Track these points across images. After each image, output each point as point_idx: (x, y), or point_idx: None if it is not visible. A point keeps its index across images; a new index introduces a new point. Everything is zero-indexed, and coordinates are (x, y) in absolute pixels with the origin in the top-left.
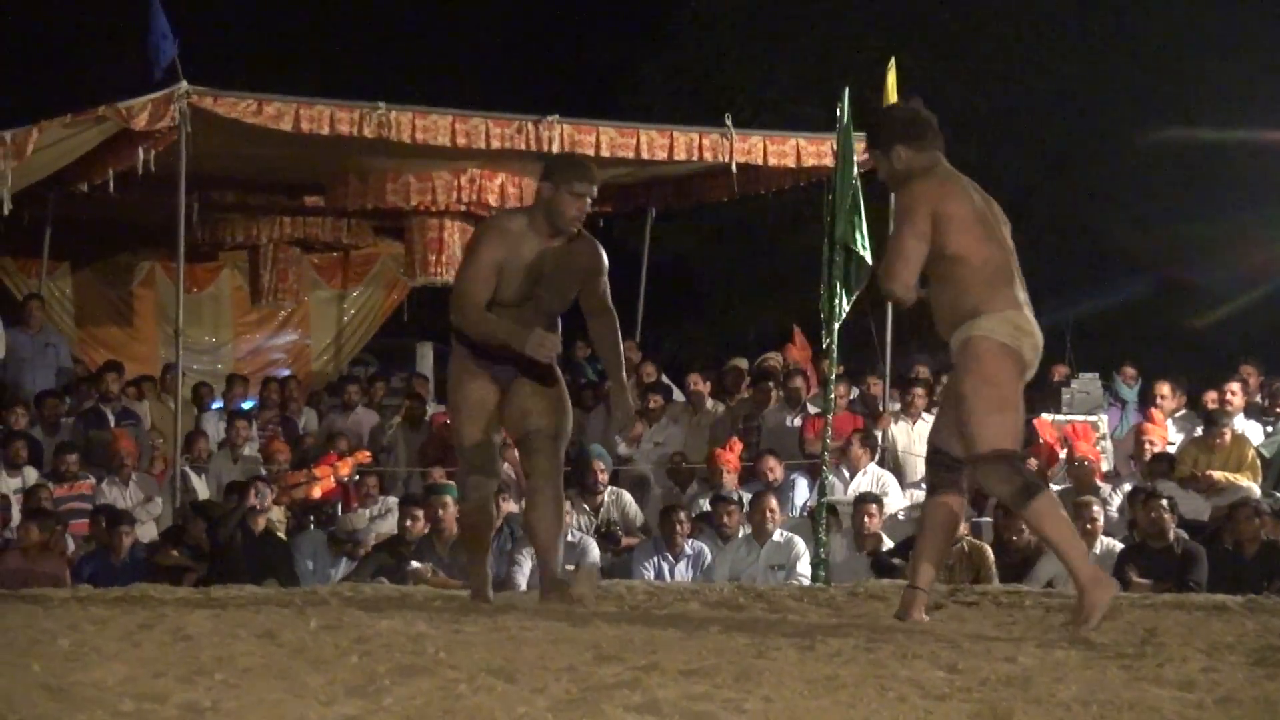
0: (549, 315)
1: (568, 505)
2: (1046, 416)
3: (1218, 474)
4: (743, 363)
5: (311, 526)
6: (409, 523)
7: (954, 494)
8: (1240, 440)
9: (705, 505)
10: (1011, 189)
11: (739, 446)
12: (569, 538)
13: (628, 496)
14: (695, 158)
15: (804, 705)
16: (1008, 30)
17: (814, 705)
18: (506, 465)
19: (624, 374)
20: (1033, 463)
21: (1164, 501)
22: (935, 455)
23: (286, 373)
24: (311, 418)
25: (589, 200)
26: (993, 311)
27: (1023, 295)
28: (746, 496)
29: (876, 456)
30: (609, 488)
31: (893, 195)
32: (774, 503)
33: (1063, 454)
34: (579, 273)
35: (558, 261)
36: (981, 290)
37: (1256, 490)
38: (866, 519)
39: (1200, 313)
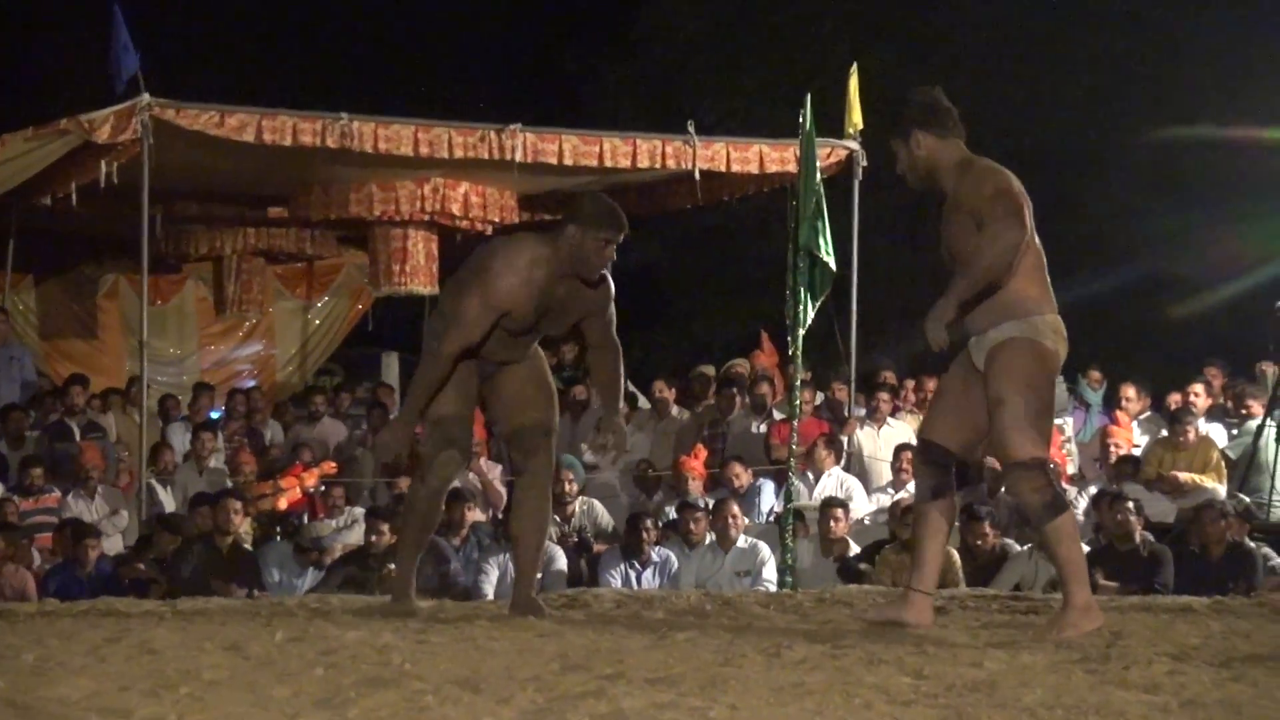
0: (538, 337)
1: None
2: None
3: (1183, 475)
4: (709, 369)
5: (278, 537)
6: (374, 537)
7: (950, 496)
8: (1205, 441)
9: (672, 513)
10: None
11: (704, 453)
12: None
13: (599, 505)
14: (658, 165)
15: (770, 713)
16: (973, 33)
17: (780, 713)
18: (471, 475)
19: (620, 404)
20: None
21: (1130, 504)
22: (928, 450)
23: (252, 384)
24: (277, 429)
25: (615, 248)
26: (1042, 314)
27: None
28: (712, 503)
29: (842, 461)
30: (580, 497)
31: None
32: (736, 509)
33: None
34: (584, 309)
35: (567, 296)
36: (1033, 289)
37: (1222, 491)
38: (832, 524)
39: (1166, 312)
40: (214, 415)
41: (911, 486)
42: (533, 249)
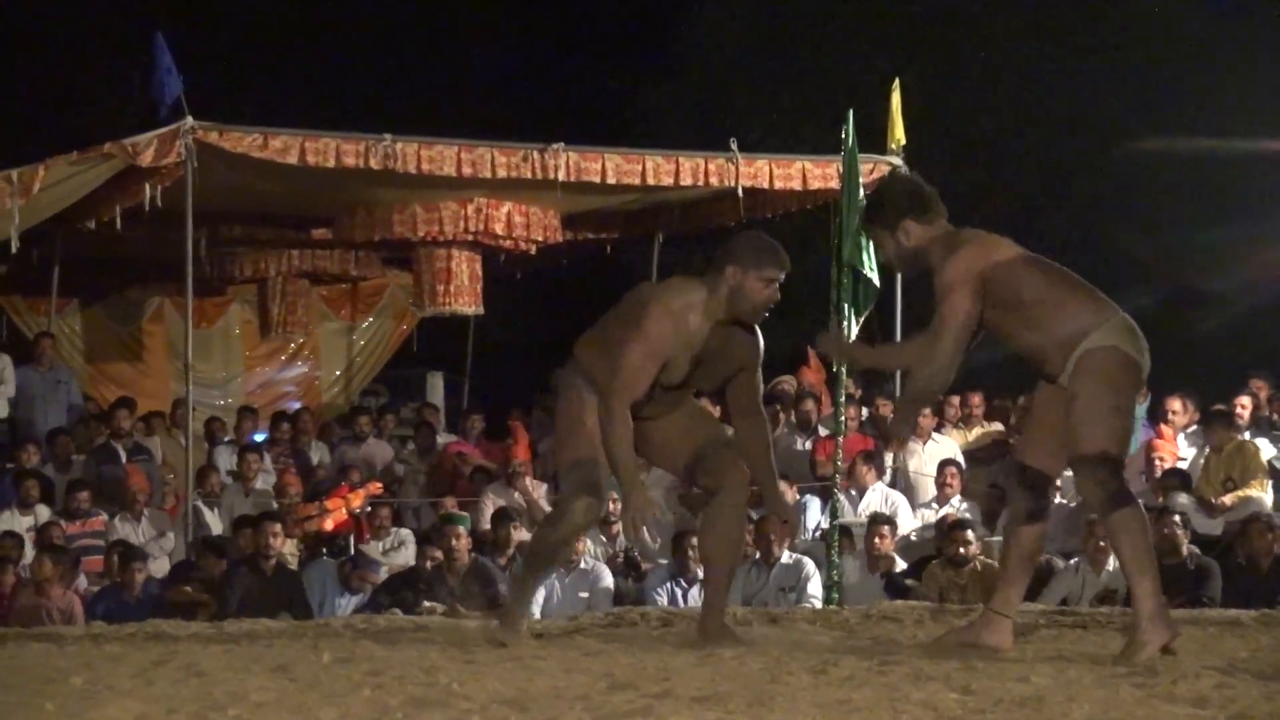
0: (689, 392)
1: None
2: None
3: (1228, 497)
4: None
5: (324, 556)
6: (425, 561)
7: (1044, 521)
8: (1250, 449)
9: None
10: (1016, 207)
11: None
12: (582, 565)
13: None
14: (701, 183)
15: None
16: (1011, 48)
17: None
18: (516, 494)
19: (777, 480)
20: None
21: (1176, 518)
22: (1024, 473)
23: (297, 405)
24: (323, 450)
25: (778, 288)
26: (1104, 323)
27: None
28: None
29: (888, 477)
30: None
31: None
32: (778, 526)
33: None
34: (736, 362)
35: (720, 345)
36: (1084, 312)
37: (1269, 502)
38: (878, 540)
39: (1210, 324)
40: (258, 438)
41: (956, 501)
42: (688, 293)
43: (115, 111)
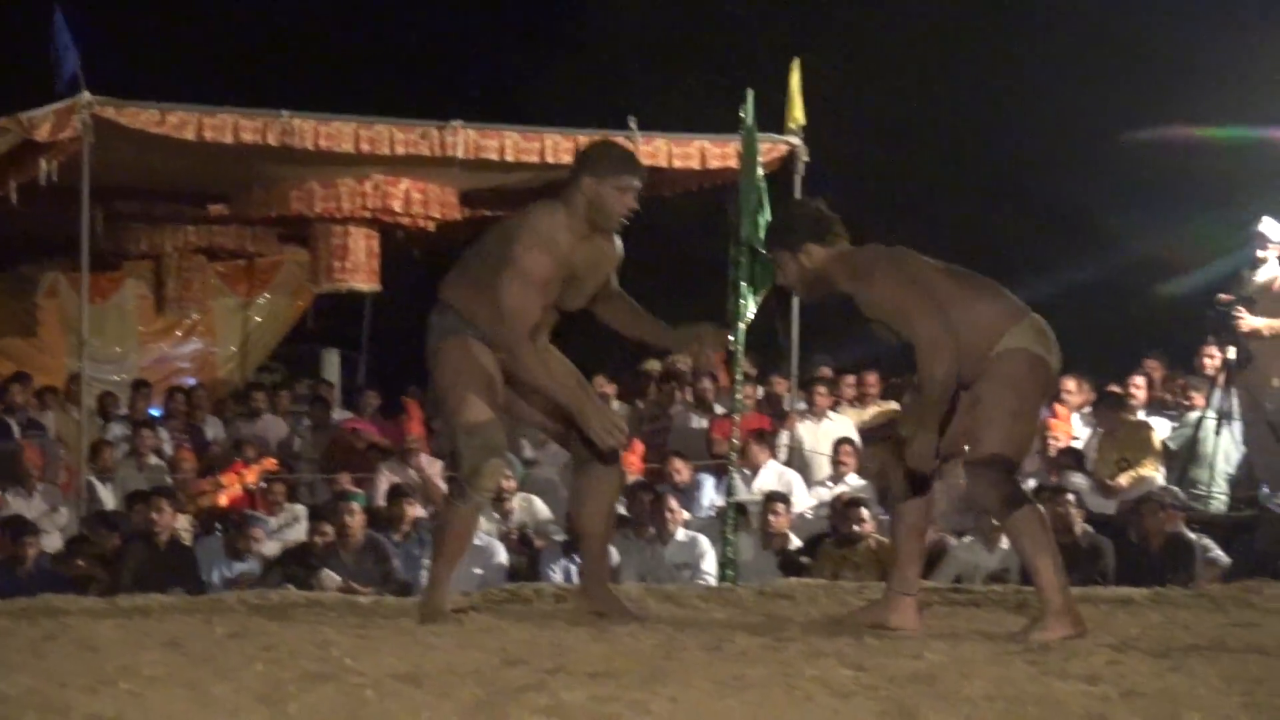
0: (555, 316)
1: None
2: None
3: (1122, 477)
4: (655, 364)
5: (218, 532)
6: (316, 536)
7: (928, 495)
8: (1145, 430)
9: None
10: (917, 189)
11: (641, 448)
12: (477, 541)
13: (539, 501)
14: None
15: (711, 706)
16: (915, 28)
17: (721, 705)
18: (411, 471)
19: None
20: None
21: (1070, 496)
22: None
23: (193, 382)
24: (218, 426)
25: (634, 196)
26: (1016, 325)
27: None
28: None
29: (783, 456)
30: (519, 494)
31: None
32: (674, 502)
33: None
34: (603, 274)
35: (589, 262)
36: (988, 313)
37: (1160, 480)
38: (773, 517)
39: (1106, 308)
40: (153, 413)
41: (851, 479)
42: (550, 215)
43: (12, 85)
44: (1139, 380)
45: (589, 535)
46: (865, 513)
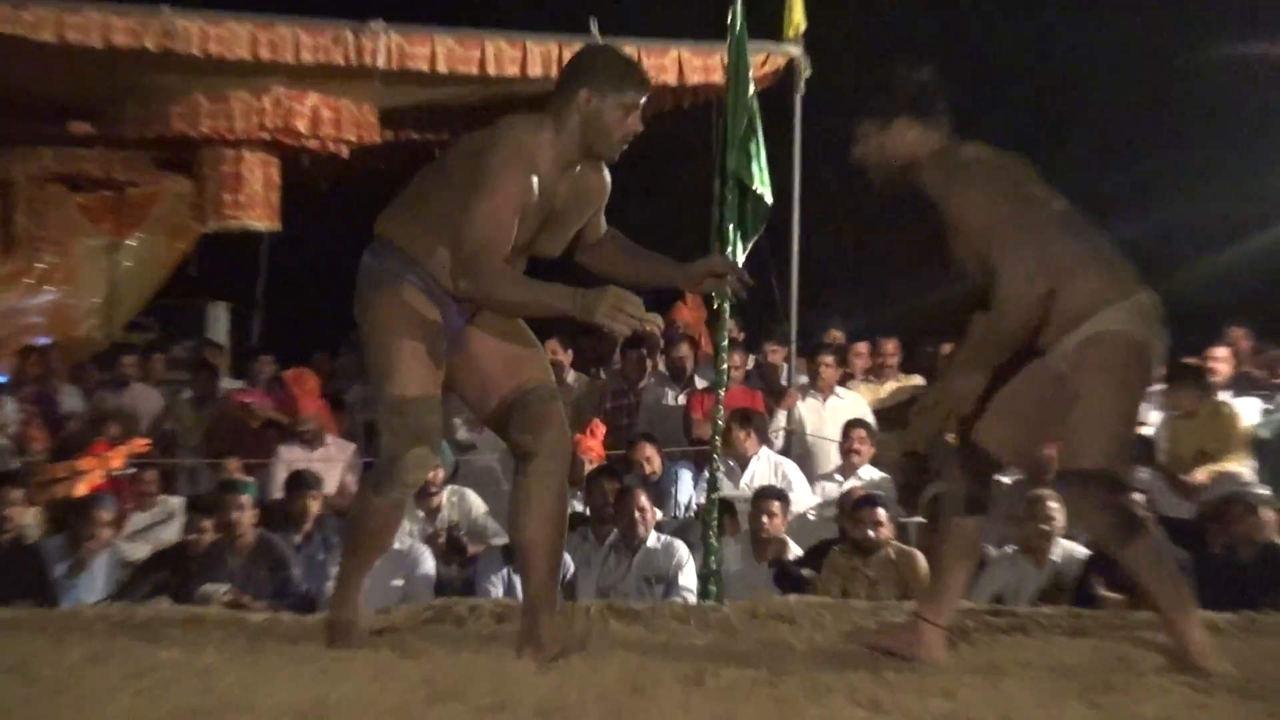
0: (525, 264)
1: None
2: None
3: (1201, 473)
4: None
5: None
6: (194, 535)
7: (983, 514)
8: (1227, 413)
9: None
10: (950, 108)
11: (602, 430)
12: (397, 544)
13: (473, 495)
14: (554, 73)
15: None
16: None
17: None
18: (316, 456)
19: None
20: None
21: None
22: (973, 455)
23: (45, 341)
24: (75, 396)
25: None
26: (1119, 300)
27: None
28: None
29: (780, 442)
30: (448, 486)
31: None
32: (645, 500)
33: None
34: (588, 210)
35: (573, 196)
36: (1093, 275)
37: (1250, 475)
38: (766, 519)
39: (1181, 265)
40: None
41: (864, 472)
42: (534, 131)
43: None
44: (1221, 352)
45: (528, 549)
46: (883, 514)
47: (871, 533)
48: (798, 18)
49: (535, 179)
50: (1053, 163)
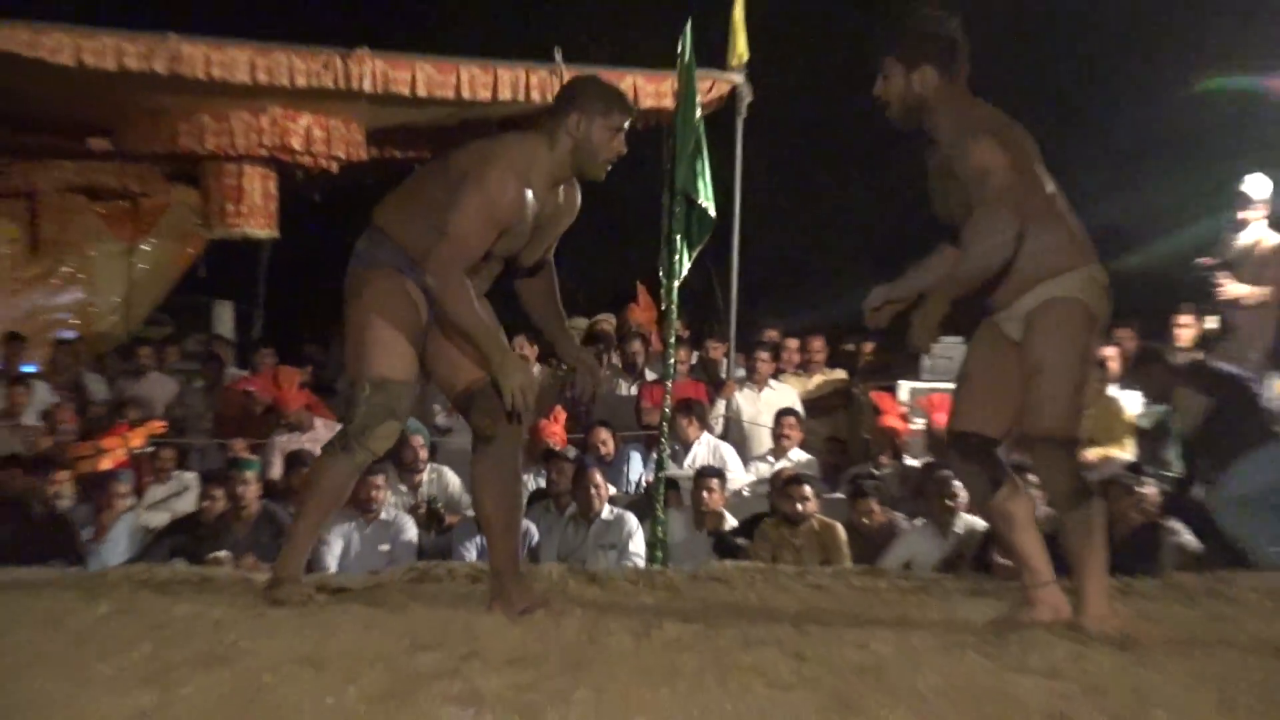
0: (501, 268)
1: (381, 481)
2: (906, 384)
3: (1089, 453)
4: (582, 323)
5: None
6: (207, 503)
7: (1012, 479)
8: (1111, 405)
9: (532, 481)
10: (869, 135)
11: (564, 416)
12: (384, 515)
13: (450, 473)
14: (521, 97)
15: (638, 696)
16: None
17: (650, 696)
18: (306, 440)
19: (566, 326)
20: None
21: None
22: (967, 443)
23: (71, 335)
24: (99, 384)
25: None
26: (1077, 268)
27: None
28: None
29: (719, 427)
30: (429, 464)
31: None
32: (599, 477)
33: (920, 424)
34: (564, 225)
35: (554, 211)
36: (1058, 241)
37: (1130, 459)
38: (706, 494)
39: None
40: (28, 369)
41: (794, 454)
42: (531, 150)
43: None
44: (1110, 351)
45: (492, 523)
46: (808, 490)
47: (799, 506)
48: (741, 48)
49: (529, 192)
50: None
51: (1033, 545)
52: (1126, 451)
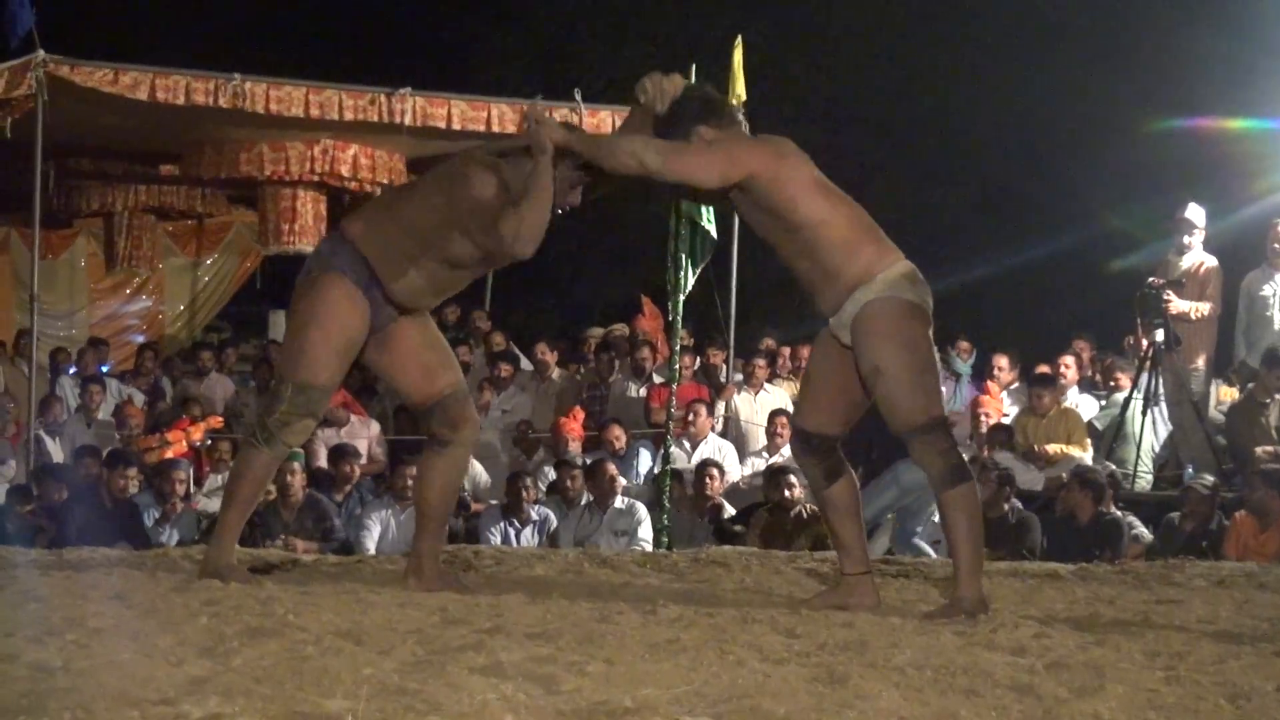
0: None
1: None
2: None
3: (1051, 447)
4: (598, 332)
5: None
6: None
7: (846, 473)
8: (1070, 412)
9: (551, 473)
10: (854, 169)
11: (582, 415)
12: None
13: (478, 465)
14: None
15: (645, 668)
16: (855, 13)
17: (655, 668)
18: (341, 434)
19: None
20: None
21: (995, 474)
22: (808, 440)
23: (141, 339)
24: (165, 384)
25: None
26: (887, 268)
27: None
28: (588, 463)
29: (719, 427)
30: None
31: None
32: (613, 469)
33: None
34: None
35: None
36: (866, 248)
37: (1088, 459)
38: (708, 481)
39: (1035, 287)
40: (104, 369)
41: (786, 450)
42: (499, 178)
43: None
44: (1068, 360)
45: (427, 510)
46: (794, 480)
47: (787, 493)
48: (740, 89)
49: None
50: (946, 206)
51: (850, 533)
52: (1085, 452)
